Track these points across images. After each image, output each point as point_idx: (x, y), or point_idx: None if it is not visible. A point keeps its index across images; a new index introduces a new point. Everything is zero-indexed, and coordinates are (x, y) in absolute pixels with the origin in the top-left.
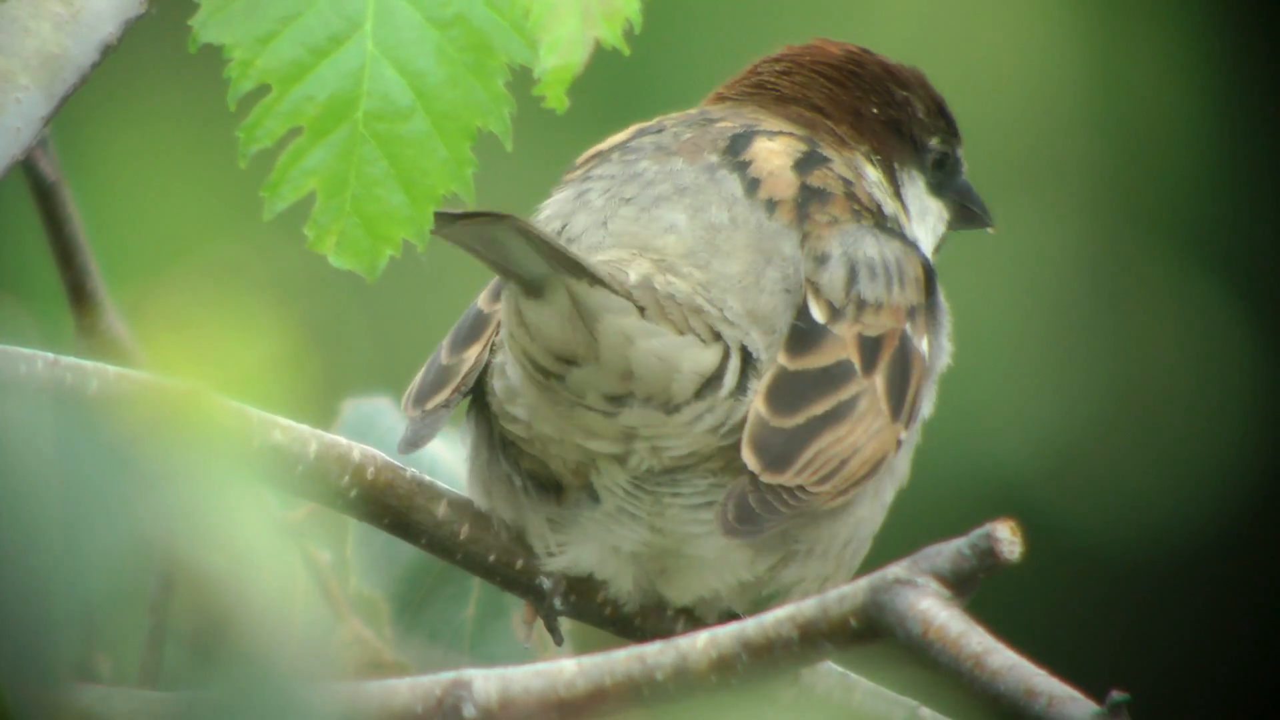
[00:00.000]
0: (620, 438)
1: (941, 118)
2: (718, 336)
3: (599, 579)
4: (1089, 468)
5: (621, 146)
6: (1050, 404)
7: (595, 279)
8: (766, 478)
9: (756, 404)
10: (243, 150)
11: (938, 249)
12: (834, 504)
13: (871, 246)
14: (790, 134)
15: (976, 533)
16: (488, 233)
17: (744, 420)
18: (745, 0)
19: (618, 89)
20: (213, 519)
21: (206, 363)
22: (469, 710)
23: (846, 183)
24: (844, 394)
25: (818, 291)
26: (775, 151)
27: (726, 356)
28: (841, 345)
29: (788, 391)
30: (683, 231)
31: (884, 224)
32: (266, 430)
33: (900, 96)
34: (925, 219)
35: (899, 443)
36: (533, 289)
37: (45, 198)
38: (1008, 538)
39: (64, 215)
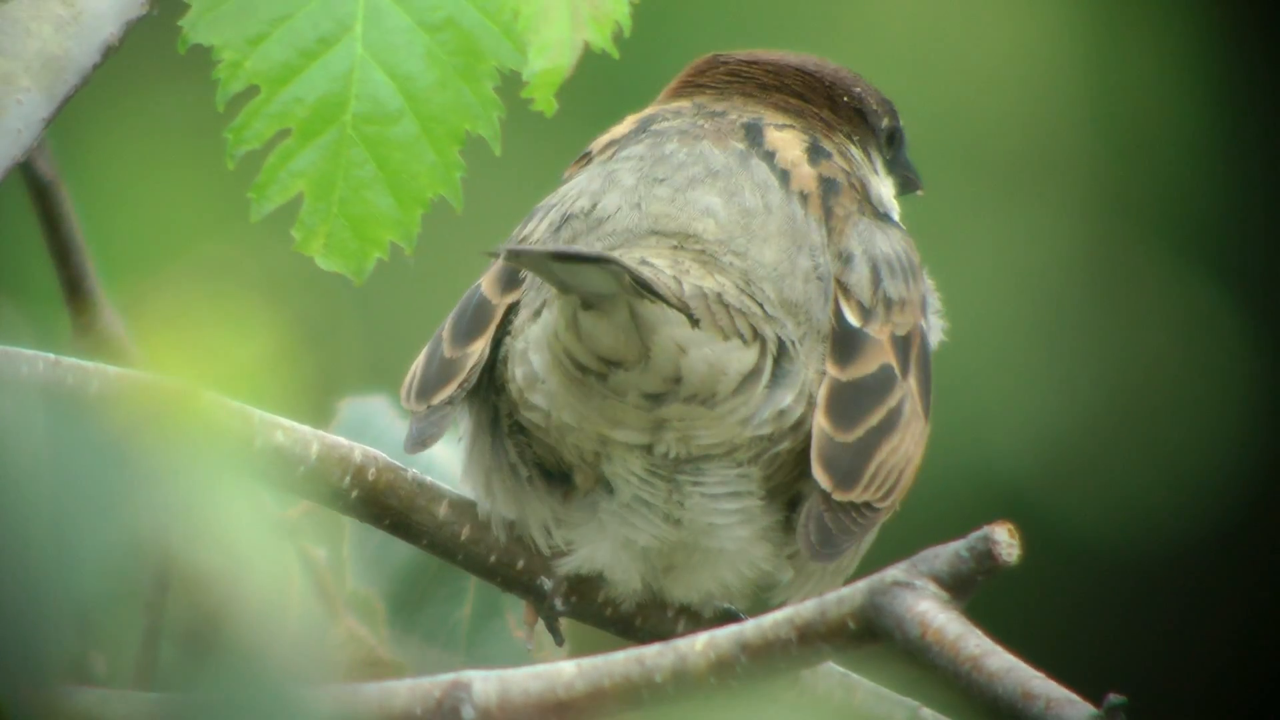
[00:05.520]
0: (650, 428)
1: (885, 102)
2: (757, 335)
3: (608, 578)
4: (1087, 467)
5: (647, 130)
6: (1048, 403)
7: (657, 296)
8: (838, 495)
9: (818, 419)
10: (231, 151)
11: None
12: (888, 516)
13: (883, 242)
14: (791, 126)
15: (975, 535)
16: (590, 273)
17: (777, 412)
18: (737, 4)
19: (607, 93)
20: (208, 518)
21: (203, 361)
22: (468, 712)
23: (846, 173)
24: (891, 401)
25: (847, 292)
26: (789, 142)
27: (764, 352)
28: (881, 350)
29: (844, 403)
30: (719, 216)
31: (877, 211)
32: (268, 431)
33: (857, 90)
34: (888, 196)
35: None
36: (592, 302)
37: (42, 196)
38: (1006, 540)
39: (60, 214)
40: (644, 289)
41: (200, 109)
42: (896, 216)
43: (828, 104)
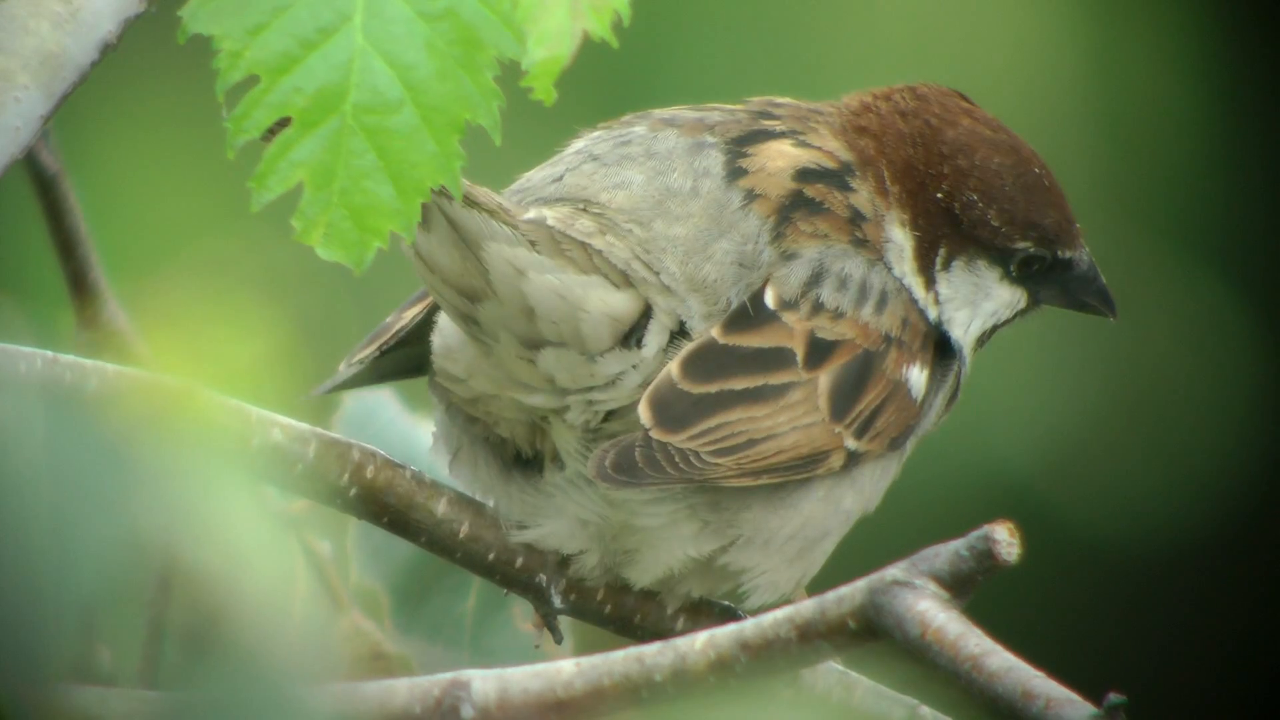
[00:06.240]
0: (549, 389)
1: (1034, 229)
2: (630, 282)
3: (563, 552)
4: (1090, 466)
5: (644, 113)
6: (1051, 402)
7: (471, 202)
8: (657, 434)
9: (671, 365)
10: (231, 141)
11: (991, 331)
12: (742, 483)
13: (855, 267)
14: (830, 152)
15: (975, 534)
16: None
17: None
18: None
19: (607, 82)
20: (211, 514)
21: (204, 357)
22: (467, 711)
23: (856, 214)
24: (773, 378)
25: (774, 282)
26: (786, 155)
27: (649, 311)
28: (787, 334)
29: (709, 361)
30: (633, 190)
31: (901, 282)
32: (266, 429)
33: (968, 199)
34: (978, 303)
35: (849, 452)
36: (422, 221)
37: (46, 190)
38: (1006, 539)
39: (65, 207)
40: (467, 200)
41: (199, 104)
42: (967, 326)
43: (911, 184)
